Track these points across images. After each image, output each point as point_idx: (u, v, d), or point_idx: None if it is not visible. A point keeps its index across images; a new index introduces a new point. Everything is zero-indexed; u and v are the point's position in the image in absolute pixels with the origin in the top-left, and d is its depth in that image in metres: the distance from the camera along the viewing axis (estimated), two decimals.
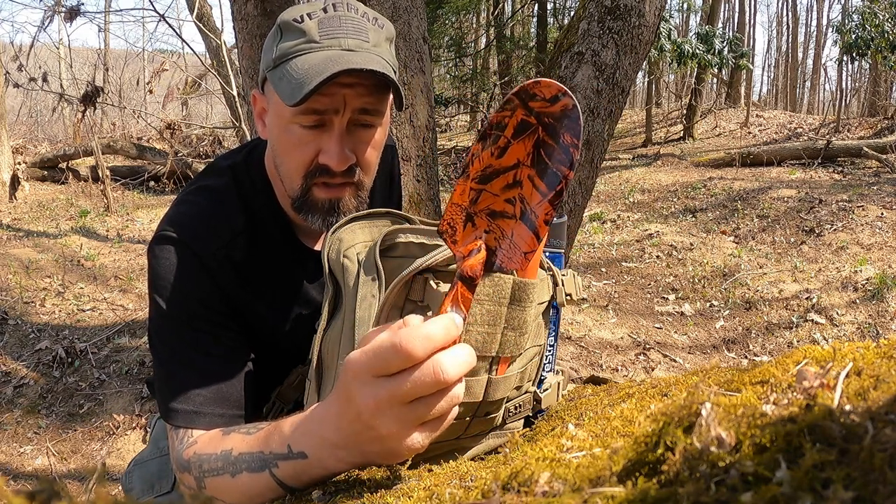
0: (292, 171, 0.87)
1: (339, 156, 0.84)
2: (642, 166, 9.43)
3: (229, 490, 0.72)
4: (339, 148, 0.84)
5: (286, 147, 0.86)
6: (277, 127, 0.87)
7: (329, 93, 0.81)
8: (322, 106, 0.82)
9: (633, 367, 3.77)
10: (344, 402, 0.57)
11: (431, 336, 0.52)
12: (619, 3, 1.99)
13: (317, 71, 0.78)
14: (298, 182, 0.88)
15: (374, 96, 0.84)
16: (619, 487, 0.34)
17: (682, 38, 10.04)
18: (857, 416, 0.29)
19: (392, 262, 0.77)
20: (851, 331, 3.96)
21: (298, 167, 0.86)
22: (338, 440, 0.60)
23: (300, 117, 0.83)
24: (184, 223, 0.89)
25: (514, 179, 0.57)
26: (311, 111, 0.82)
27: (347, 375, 0.56)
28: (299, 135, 0.84)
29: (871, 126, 10.70)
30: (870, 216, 5.57)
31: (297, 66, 0.80)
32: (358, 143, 0.87)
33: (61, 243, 5.78)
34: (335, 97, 0.82)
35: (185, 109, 9.68)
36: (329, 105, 0.82)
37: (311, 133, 0.84)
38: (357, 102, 0.83)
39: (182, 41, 6.34)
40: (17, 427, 3.19)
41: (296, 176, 0.87)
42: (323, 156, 0.85)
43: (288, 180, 0.89)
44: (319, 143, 0.85)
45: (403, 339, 0.51)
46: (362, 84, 0.82)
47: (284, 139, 0.86)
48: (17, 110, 12.33)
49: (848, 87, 18.32)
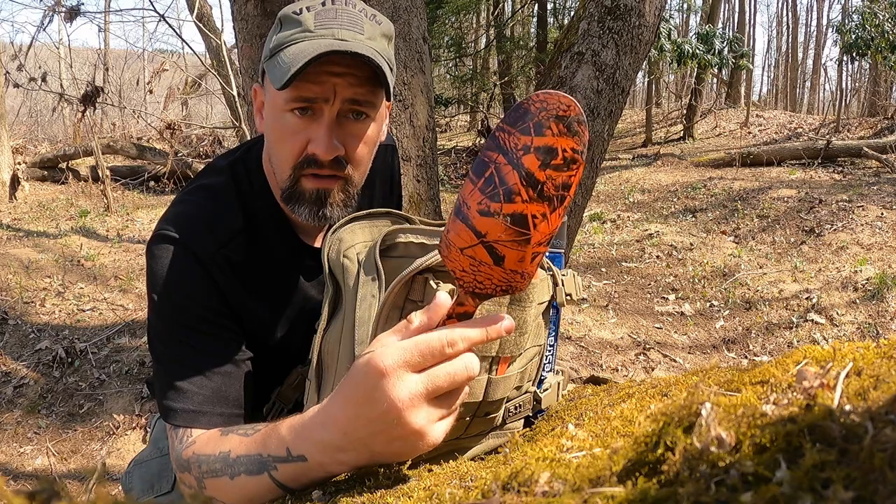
0: (283, 160, 0.88)
1: (326, 145, 0.84)
2: (642, 166, 9.43)
3: (229, 491, 0.72)
4: (327, 136, 0.84)
5: (278, 136, 0.87)
6: (272, 117, 0.87)
7: (319, 81, 0.81)
8: (312, 94, 0.82)
9: (633, 367, 3.77)
10: (361, 404, 0.57)
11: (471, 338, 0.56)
12: (619, 3, 1.99)
13: (304, 54, 0.79)
14: (288, 172, 0.88)
15: (366, 87, 0.84)
16: (619, 487, 0.34)
17: (682, 38, 10.05)
18: (857, 416, 0.29)
19: (392, 262, 0.77)
20: (851, 331, 3.95)
21: (288, 157, 0.86)
22: (343, 444, 0.59)
23: (291, 104, 0.83)
24: (182, 223, 0.89)
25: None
26: (302, 99, 0.83)
27: (372, 377, 0.55)
28: (291, 123, 0.85)
29: (871, 126, 10.70)
30: (870, 216, 5.57)
31: (289, 53, 0.81)
32: (348, 136, 0.86)
33: (61, 243, 5.78)
34: (325, 85, 0.82)
35: (185, 109, 9.67)
36: (319, 93, 0.82)
37: (302, 122, 0.84)
38: (347, 92, 0.83)
39: (182, 41, 6.34)
40: (17, 427, 3.19)
41: (285, 166, 0.87)
42: (311, 145, 0.84)
43: (279, 171, 0.89)
44: (309, 133, 0.85)
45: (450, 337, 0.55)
46: (353, 74, 0.82)
47: (277, 128, 0.86)
48: (17, 110, 12.33)
49: (848, 87, 18.32)
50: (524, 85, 11.92)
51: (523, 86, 12.05)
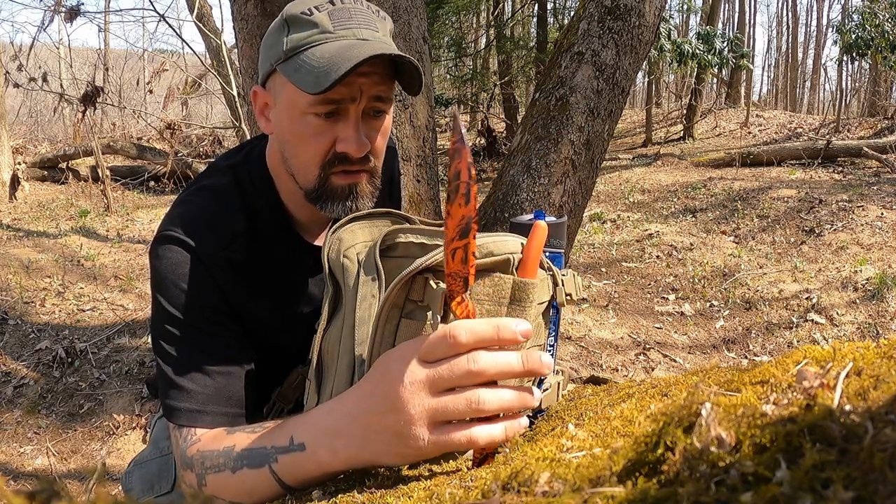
0: (308, 161, 0.88)
1: (357, 142, 0.85)
2: (642, 166, 9.43)
3: (229, 486, 0.73)
4: (357, 135, 0.85)
5: (301, 138, 0.87)
6: (289, 119, 0.87)
7: (347, 82, 0.82)
8: (340, 95, 0.83)
9: (633, 367, 3.77)
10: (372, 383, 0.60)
11: (475, 329, 0.57)
12: (619, 3, 1.99)
13: (343, 58, 0.79)
14: (315, 172, 0.88)
15: (387, 84, 0.86)
16: (619, 487, 0.34)
17: (682, 38, 10.04)
18: (857, 416, 0.29)
19: (392, 262, 0.77)
20: (851, 331, 3.96)
21: (315, 157, 0.87)
22: (342, 426, 0.61)
23: (317, 107, 0.83)
24: (185, 224, 0.89)
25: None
26: (329, 101, 0.83)
27: (391, 356, 0.59)
28: (315, 125, 0.85)
29: (871, 126, 10.69)
30: (870, 216, 5.57)
31: (316, 55, 0.81)
32: (370, 131, 0.88)
33: (61, 243, 5.79)
34: (353, 86, 0.83)
35: (185, 109, 9.67)
36: (347, 94, 0.83)
37: (327, 123, 0.85)
38: (372, 91, 0.84)
39: (182, 41, 6.34)
40: (17, 427, 3.19)
41: (312, 166, 0.88)
42: (341, 144, 0.85)
43: (302, 172, 0.89)
44: (335, 132, 0.85)
45: (451, 327, 0.57)
46: (376, 73, 0.84)
47: (299, 130, 0.86)
48: (17, 110, 12.33)
49: (848, 87, 18.32)
50: (524, 85, 11.92)
51: (523, 86, 12.05)
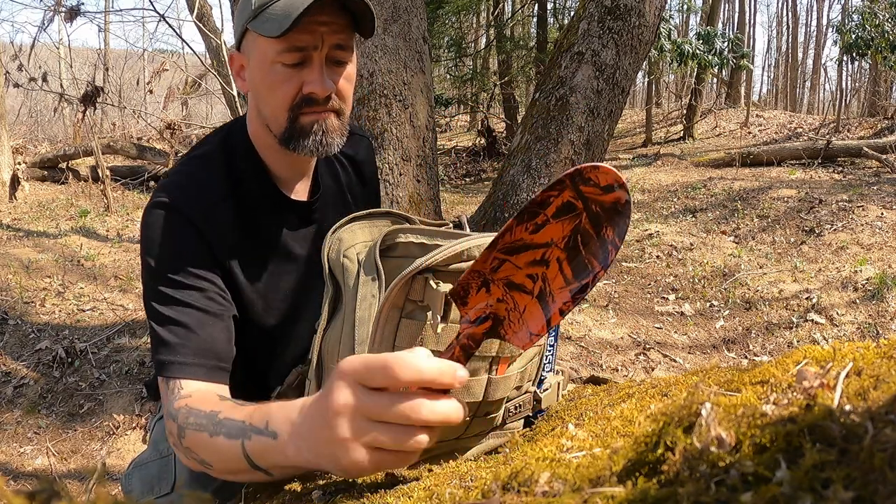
0: (278, 107, 0.94)
1: (322, 83, 0.91)
2: (642, 166, 9.43)
3: (204, 447, 0.76)
4: (321, 77, 0.92)
5: (271, 85, 0.93)
6: (260, 71, 0.93)
7: (309, 30, 0.88)
8: (303, 43, 0.89)
9: (633, 367, 3.77)
10: (323, 397, 0.60)
11: (421, 369, 0.54)
12: (619, 3, 1.99)
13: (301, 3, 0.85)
14: (285, 115, 0.94)
15: (346, 34, 0.93)
16: (619, 487, 0.34)
17: (682, 38, 10.04)
18: (857, 416, 0.29)
19: (392, 262, 0.77)
20: (851, 331, 3.96)
21: (284, 101, 0.93)
22: (302, 429, 0.62)
23: (284, 55, 0.90)
24: (172, 189, 0.95)
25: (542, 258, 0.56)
26: (294, 48, 0.90)
27: (336, 373, 0.58)
28: (283, 72, 0.91)
29: (871, 126, 10.69)
30: (870, 216, 5.57)
31: (279, 6, 0.88)
32: (334, 76, 0.94)
33: (61, 243, 5.79)
34: (314, 34, 0.89)
35: (185, 109, 9.67)
36: (310, 42, 0.90)
37: (294, 70, 0.91)
38: (333, 39, 0.91)
39: (182, 41, 6.34)
40: (17, 427, 3.19)
41: (281, 111, 0.94)
42: (307, 86, 0.92)
43: (273, 118, 0.95)
44: (302, 77, 0.92)
45: (394, 360, 0.54)
46: (336, 22, 0.90)
47: (269, 80, 0.92)
48: (17, 110, 12.33)
49: (848, 87, 18.32)
50: (524, 85, 11.93)
51: (523, 86, 12.06)
